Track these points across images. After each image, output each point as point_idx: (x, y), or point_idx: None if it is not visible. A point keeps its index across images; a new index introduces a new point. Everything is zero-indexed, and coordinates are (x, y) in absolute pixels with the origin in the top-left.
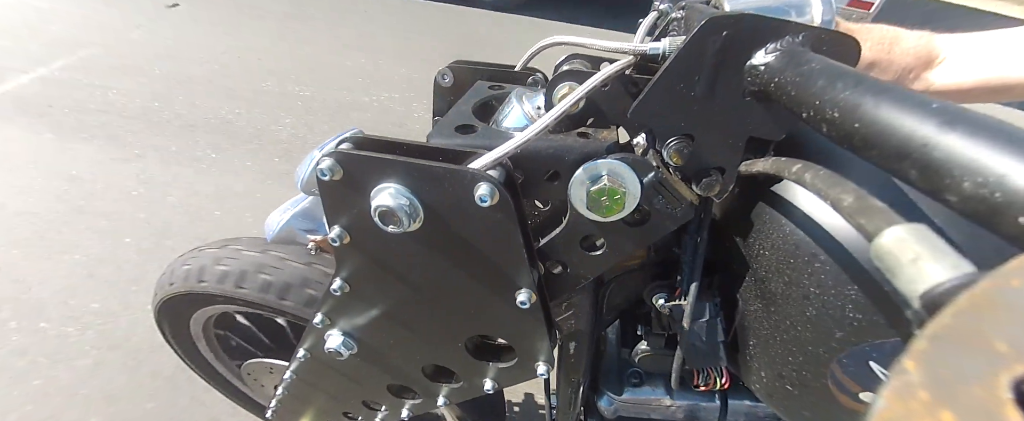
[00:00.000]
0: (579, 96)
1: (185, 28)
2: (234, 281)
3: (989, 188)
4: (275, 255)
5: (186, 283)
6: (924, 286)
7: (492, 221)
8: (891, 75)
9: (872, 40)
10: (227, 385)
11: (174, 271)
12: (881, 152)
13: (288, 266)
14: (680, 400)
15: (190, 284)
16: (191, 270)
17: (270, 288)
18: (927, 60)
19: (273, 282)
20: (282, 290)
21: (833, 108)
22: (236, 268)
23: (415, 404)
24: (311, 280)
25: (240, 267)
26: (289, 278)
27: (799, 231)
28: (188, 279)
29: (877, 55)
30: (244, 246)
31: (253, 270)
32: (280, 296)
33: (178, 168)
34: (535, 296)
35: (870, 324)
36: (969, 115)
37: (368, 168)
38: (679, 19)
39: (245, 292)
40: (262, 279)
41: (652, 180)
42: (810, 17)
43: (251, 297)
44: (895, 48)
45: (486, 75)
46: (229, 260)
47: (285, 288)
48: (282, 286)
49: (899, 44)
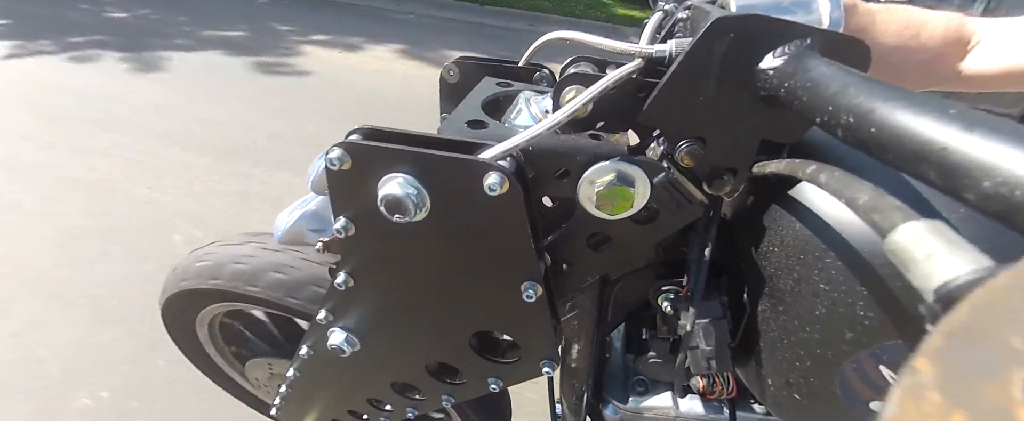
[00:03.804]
0: (587, 98)
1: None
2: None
3: (1009, 186)
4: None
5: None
6: (939, 281)
7: (500, 211)
8: (917, 59)
9: (896, 23)
10: (232, 383)
11: (187, 268)
12: (899, 155)
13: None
14: (686, 410)
15: (202, 281)
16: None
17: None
18: (959, 44)
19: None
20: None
21: (848, 113)
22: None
23: (420, 403)
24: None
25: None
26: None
27: (809, 228)
28: (201, 276)
29: (902, 39)
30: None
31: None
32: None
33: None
34: (540, 288)
35: (881, 324)
36: (987, 119)
37: (377, 158)
38: (684, 20)
39: (257, 290)
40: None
41: (662, 181)
42: (818, 17)
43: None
44: (923, 32)
45: (492, 71)
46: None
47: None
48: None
49: (927, 28)
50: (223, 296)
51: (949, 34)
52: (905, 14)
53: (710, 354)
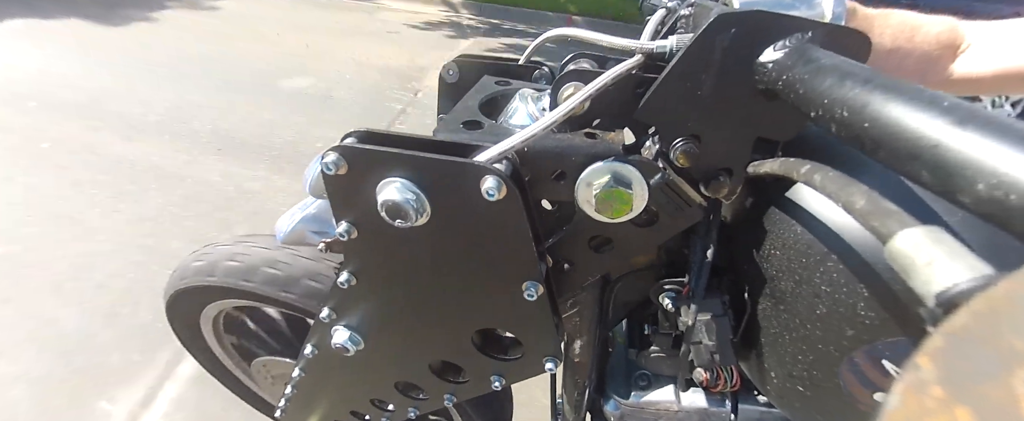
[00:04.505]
0: (585, 96)
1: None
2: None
3: (1003, 190)
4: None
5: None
6: (940, 287)
7: (499, 214)
8: (913, 62)
9: (892, 26)
10: (237, 383)
11: (186, 266)
12: (891, 153)
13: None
14: (689, 404)
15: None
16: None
17: None
18: (951, 47)
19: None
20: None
21: (842, 107)
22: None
23: (422, 402)
24: None
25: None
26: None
27: (809, 231)
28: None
29: (898, 42)
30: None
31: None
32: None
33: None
34: (542, 289)
35: (883, 322)
36: (982, 114)
37: (373, 162)
38: (687, 16)
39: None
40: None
41: (659, 182)
42: (821, 12)
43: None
44: (917, 35)
45: (491, 69)
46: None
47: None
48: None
49: (921, 30)
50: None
51: (942, 37)
52: (902, 18)
53: (713, 348)
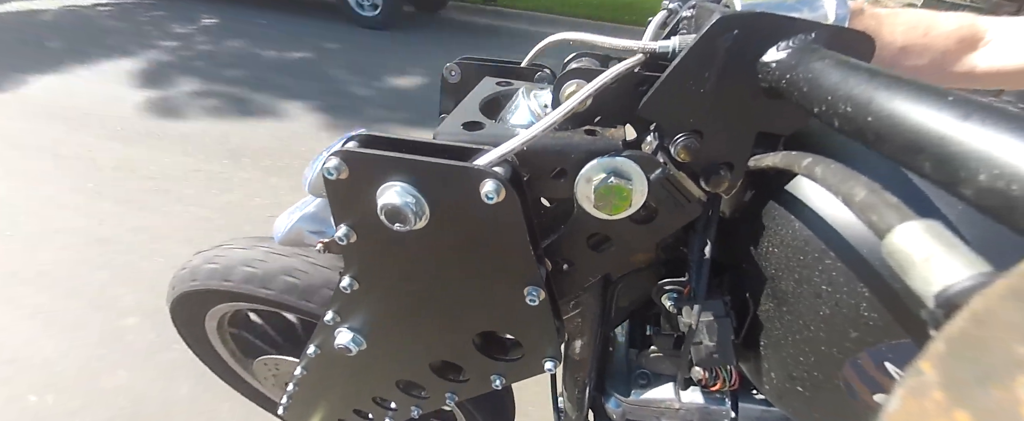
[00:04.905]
0: (587, 94)
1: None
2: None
3: (1005, 180)
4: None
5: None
6: (938, 286)
7: (499, 218)
8: (927, 59)
9: (903, 24)
10: (240, 381)
11: (197, 268)
12: (894, 146)
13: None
14: (689, 403)
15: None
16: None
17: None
18: (970, 42)
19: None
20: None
21: (846, 102)
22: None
23: (424, 401)
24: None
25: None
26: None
27: (808, 228)
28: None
29: (910, 39)
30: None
31: None
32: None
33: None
34: (543, 292)
35: (886, 324)
36: (986, 106)
37: (374, 166)
38: (689, 17)
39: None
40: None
41: (659, 177)
42: (823, 13)
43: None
44: (931, 32)
45: (493, 71)
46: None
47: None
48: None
49: (936, 27)
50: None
51: (960, 33)
52: (913, 16)
53: (714, 349)
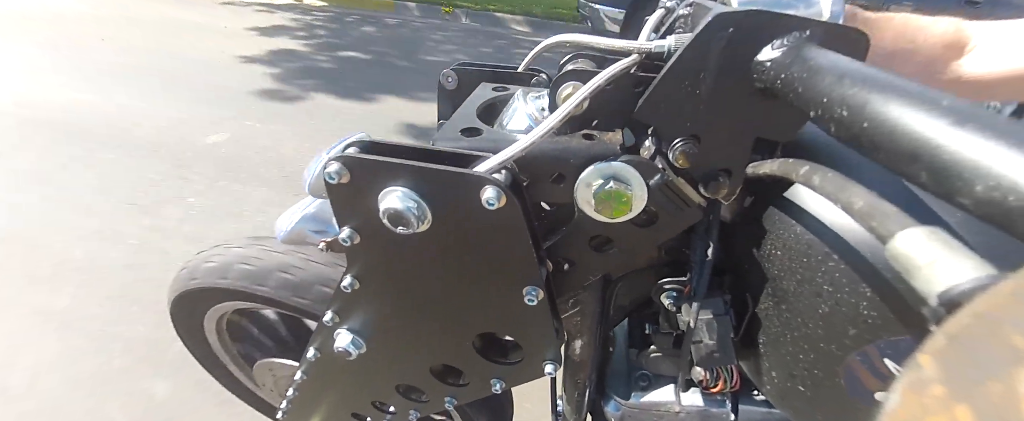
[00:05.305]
0: (583, 96)
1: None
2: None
3: (1002, 191)
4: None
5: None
6: (942, 286)
7: (499, 223)
8: (916, 64)
9: (893, 29)
10: (239, 385)
11: (196, 267)
12: (889, 154)
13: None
14: (689, 405)
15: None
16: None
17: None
18: (957, 48)
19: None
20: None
21: (841, 106)
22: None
23: (423, 404)
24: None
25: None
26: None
27: (809, 230)
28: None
29: (900, 44)
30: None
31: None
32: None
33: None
34: (543, 294)
35: (885, 321)
36: (982, 114)
37: (375, 172)
38: (685, 16)
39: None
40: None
41: (658, 182)
42: (819, 11)
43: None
44: (920, 36)
45: (490, 76)
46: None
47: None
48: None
49: (924, 32)
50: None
51: (946, 38)
52: (902, 21)
53: (714, 348)
